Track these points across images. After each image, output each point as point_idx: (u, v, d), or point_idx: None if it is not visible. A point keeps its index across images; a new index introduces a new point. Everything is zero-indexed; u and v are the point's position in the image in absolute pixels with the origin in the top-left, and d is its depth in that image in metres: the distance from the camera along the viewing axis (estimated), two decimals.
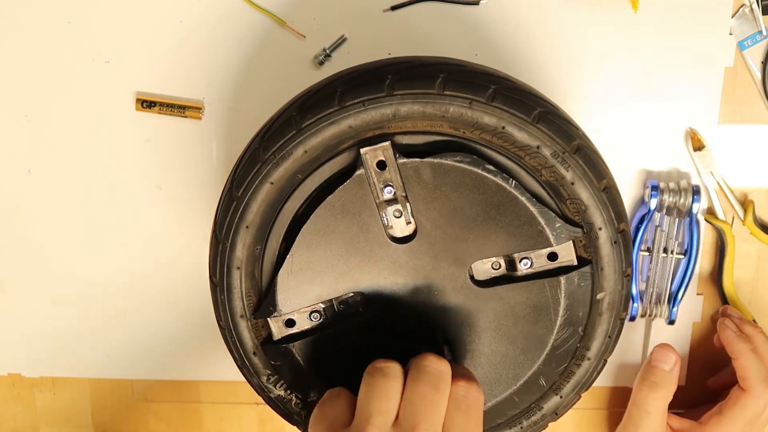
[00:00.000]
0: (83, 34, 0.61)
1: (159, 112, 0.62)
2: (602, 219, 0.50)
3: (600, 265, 0.51)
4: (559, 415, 0.55)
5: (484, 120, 0.49)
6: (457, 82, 0.48)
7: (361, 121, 0.49)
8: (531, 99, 0.49)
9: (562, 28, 0.61)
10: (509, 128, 0.49)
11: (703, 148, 0.62)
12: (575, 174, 0.49)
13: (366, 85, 0.49)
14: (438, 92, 0.48)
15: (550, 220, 0.51)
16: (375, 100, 0.48)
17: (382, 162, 0.50)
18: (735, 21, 0.60)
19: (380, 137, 0.50)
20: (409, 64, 0.50)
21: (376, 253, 0.52)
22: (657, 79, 0.61)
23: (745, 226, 0.63)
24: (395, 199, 0.51)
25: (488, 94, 0.48)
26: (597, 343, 0.53)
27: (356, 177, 0.50)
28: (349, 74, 0.50)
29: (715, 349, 0.65)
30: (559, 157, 0.49)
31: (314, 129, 0.49)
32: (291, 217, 0.52)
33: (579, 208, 0.50)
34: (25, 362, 0.68)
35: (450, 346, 0.54)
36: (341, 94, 0.49)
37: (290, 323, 0.53)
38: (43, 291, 0.66)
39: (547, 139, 0.49)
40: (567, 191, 0.50)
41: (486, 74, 0.50)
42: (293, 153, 0.50)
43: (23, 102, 0.62)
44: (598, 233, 0.51)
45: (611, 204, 0.51)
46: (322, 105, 0.49)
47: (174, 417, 0.69)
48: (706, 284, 0.66)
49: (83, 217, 0.65)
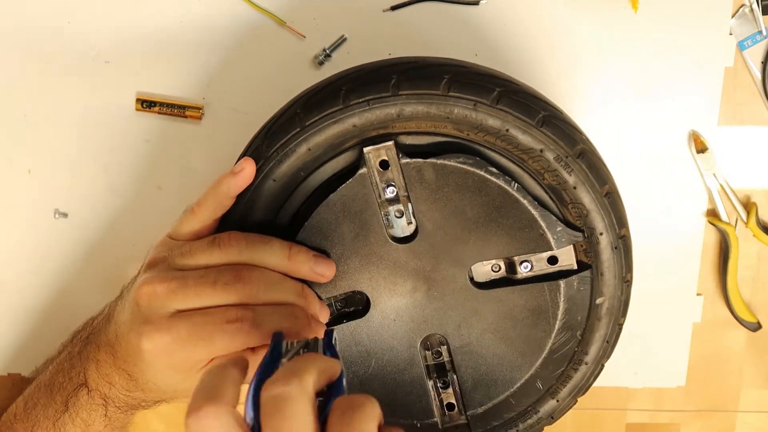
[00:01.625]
0: (83, 34, 0.61)
1: (159, 112, 0.62)
2: (604, 224, 0.50)
3: (600, 270, 0.51)
4: (555, 419, 0.55)
5: (488, 122, 0.48)
6: (462, 83, 0.48)
7: (366, 120, 0.49)
8: (535, 102, 0.49)
9: (561, 28, 0.61)
10: (513, 131, 0.49)
11: (705, 150, 0.62)
12: (578, 178, 0.49)
13: (371, 84, 0.49)
14: (443, 93, 0.48)
15: (552, 224, 0.51)
16: (380, 99, 0.48)
17: (385, 161, 0.50)
18: (735, 21, 0.60)
19: (384, 137, 0.50)
20: (415, 64, 0.50)
21: (377, 252, 0.52)
22: (657, 79, 0.61)
23: (748, 228, 0.63)
24: (397, 199, 0.51)
25: (493, 96, 0.48)
26: (595, 347, 0.53)
27: (359, 176, 0.50)
28: (354, 73, 0.50)
29: (715, 349, 0.65)
30: (562, 161, 0.49)
31: (318, 127, 0.49)
32: (293, 214, 0.52)
33: (581, 212, 0.50)
34: (25, 362, 0.67)
35: (448, 347, 0.54)
36: (346, 92, 0.49)
37: None
38: (44, 291, 0.66)
39: (550, 142, 0.49)
40: (569, 195, 0.50)
41: (491, 76, 0.50)
42: (296, 150, 0.50)
43: (23, 102, 0.62)
44: (599, 238, 0.51)
45: (613, 209, 0.51)
46: (326, 103, 0.49)
47: (174, 417, 0.68)
48: (706, 284, 0.66)
49: (83, 217, 0.65)
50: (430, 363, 0.54)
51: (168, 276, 0.48)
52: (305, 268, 0.50)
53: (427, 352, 0.54)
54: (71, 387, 0.54)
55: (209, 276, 0.47)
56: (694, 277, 0.65)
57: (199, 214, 0.51)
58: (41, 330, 0.67)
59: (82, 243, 0.65)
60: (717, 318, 0.66)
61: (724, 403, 0.69)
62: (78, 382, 0.54)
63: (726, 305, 0.65)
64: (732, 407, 0.69)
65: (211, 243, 0.49)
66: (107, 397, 0.53)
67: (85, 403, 0.54)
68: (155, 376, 0.50)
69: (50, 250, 0.65)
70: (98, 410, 0.54)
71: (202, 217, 0.51)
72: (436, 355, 0.54)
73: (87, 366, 0.53)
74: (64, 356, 0.57)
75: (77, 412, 0.54)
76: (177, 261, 0.49)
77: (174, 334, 0.47)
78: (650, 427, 0.69)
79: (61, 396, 0.55)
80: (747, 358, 0.68)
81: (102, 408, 0.53)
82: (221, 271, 0.48)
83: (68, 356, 0.56)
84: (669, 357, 0.67)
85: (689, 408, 0.69)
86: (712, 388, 0.68)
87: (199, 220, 0.51)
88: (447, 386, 0.54)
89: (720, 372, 0.68)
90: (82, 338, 0.56)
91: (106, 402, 0.53)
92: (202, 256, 0.49)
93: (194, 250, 0.49)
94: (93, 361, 0.53)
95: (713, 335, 0.67)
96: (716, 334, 0.67)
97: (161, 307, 0.48)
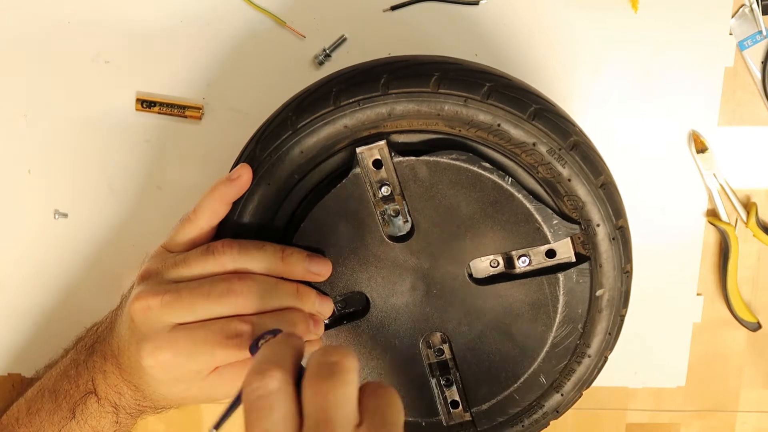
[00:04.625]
0: (83, 34, 0.61)
1: (159, 112, 0.62)
2: (600, 215, 0.50)
3: (599, 262, 0.51)
4: (560, 413, 0.55)
5: (479, 118, 0.49)
6: (452, 80, 0.48)
7: (357, 120, 0.49)
8: (527, 96, 0.49)
9: (561, 28, 0.61)
10: (505, 125, 0.49)
11: (705, 150, 0.62)
12: (572, 171, 0.49)
13: (361, 84, 0.49)
14: (433, 90, 0.48)
15: (548, 217, 0.51)
16: (370, 99, 0.49)
17: (378, 161, 0.50)
18: (735, 21, 0.60)
19: (376, 136, 0.50)
20: (404, 63, 0.50)
21: (374, 252, 0.52)
22: (657, 80, 0.61)
23: (748, 228, 0.63)
24: (392, 198, 0.51)
25: (483, 91, 0.48)
26: (597, 340, 0.53)
27: (352, 176, 0.50)
28: (344, 74, 0.50)
29: (715, 349, 0.65)
30: (556, 153, 0.49)
31: (310, 129, 0.49)
32: (288, 217, 0.52)
33: (576, 204, 0.50)
34: (25, 362, 0.67)
35: (449, 345, 0.54)
36: (336, 93, 0.49)
37: None
38: (44, 291, 0.66)
39: (543, 136, 0.49)
40: (564, 188, 0.50)
41: (481, 72, 0.50)
42: (290, 153, 0.50)
43: (23, 102, 0.62)
44: (596, 230, 0.51)
45: (609, 200, 0.51)
46: (317, 105, 0.49)
47: (174, 417, 0.68)
48: (706, 284, 0.66)
49: (83, 217, 0.65)
50: (433, 361, 0.54)
51: (161, 289, 0.48)
52: (300, 268, 0.50)
53: (429, 350, 0.54)
54: (78, 395, 0.54)
55: (203, 288, 0.47)
56: (694, 277, 0.65)
57: (196, 222, 0.51)
58: (41, 330, 0.67)
59: (82, 243, 0.65)
60: (717, 318, 0.66)
61: (724, 403, 0.69)
62: (86, 390, 0.54)
63: (726, 305, 0.65)
64: (732, 407, 0.69)
65: (205, 252, 0.49)
66: (117, 406, 0.53)
67: (94, 411, 0.54)
68: (160, 388, 0.51)
69: (50, 250, 0.65)
70: (108, 417, 0.54)
71: (199, 224, 0.51)
72: (438, 353, 0.54)
73: (95, 376, 0.53)
74: (68, 363, 0.57)
75: (86, 420, 0.54)
76: (171, 272, 0.49)
77: (174, 350, 0.47)
78: (650, 427, 0.69)
79: (67, 403, 0.55)
80: (747, 358, 0.68)
81: (113, 415, 0.54)
82: (214, 282, 0.48)
83: (73, 363, 0.56)
84: (669, 357, 0.67)
85: (689, 408, 0.69)
86: (712, 388, 0.68)
87: (196, 228, 0.51)
88: (450, 384, 0.54)
89: (720, 372, 0.68)
90: (86, 346, 0.56)
91: (117, 410, 0.53)
92: (196, 266, 0.49)
93: (189, 260, 0.49)
94: (100, 371, 0.53)
95: (713, 335, 0.67)
96: (716, 334, 0.67)
97: (158, 322, 0.48)
